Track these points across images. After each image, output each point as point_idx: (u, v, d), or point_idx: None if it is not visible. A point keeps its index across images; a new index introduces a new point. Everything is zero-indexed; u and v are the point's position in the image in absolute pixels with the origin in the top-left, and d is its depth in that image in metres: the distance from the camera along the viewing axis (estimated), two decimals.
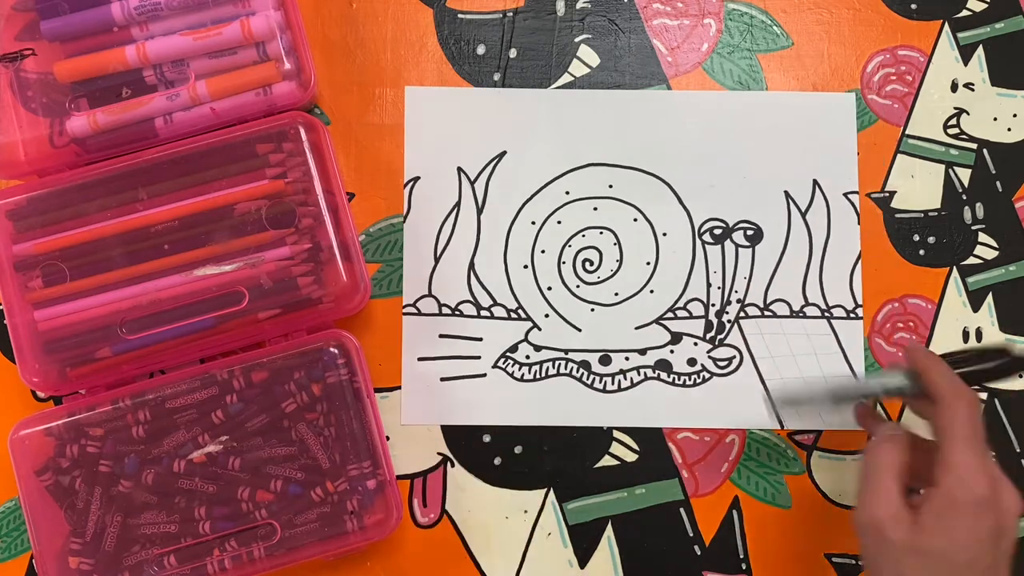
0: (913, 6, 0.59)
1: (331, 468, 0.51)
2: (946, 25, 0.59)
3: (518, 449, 0.56)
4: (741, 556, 0.55)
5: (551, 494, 0.56)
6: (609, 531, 0.55)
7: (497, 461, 0.56)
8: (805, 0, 0.59)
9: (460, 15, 0.58)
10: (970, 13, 0.59)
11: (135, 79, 0.53)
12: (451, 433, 0.56)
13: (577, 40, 0.58)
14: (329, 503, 0.51)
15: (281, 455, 0.51)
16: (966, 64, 0.59)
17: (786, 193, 0.57)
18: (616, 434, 0.56)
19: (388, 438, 0.55)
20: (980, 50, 0.59)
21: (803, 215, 0.57)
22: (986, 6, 0.59)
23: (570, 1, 0.58)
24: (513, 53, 0.58)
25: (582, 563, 0.55)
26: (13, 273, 0.51)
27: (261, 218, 0.52)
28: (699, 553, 0.55)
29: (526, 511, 0.55)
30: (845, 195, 0.57)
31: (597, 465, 0.56)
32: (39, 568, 0.50)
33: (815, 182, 0.57)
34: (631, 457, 0.56)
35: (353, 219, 0.54)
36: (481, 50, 0.58)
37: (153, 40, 0.52)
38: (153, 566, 0.50)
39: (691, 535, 0.55)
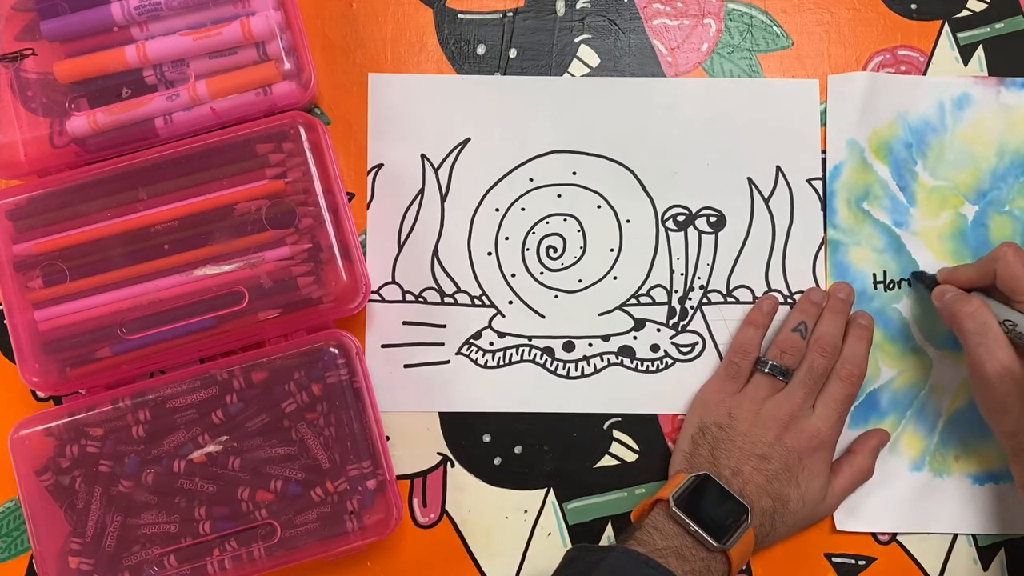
0: (913, 6, 0.59)
1: (331, 468, 0.51)
2: (946, 25, 0.59)
3: (518, 449, 0.56)
4: None
5: (551, 494, 0.56)
6: (609, 531, 0.55)
7: (497, 461, 0.56)
8: (805, 0, 0.59)
9: (460, 15, 0.58)
10: (970, 13, 0.59)
11: (135, 79, 0.53)
12: (451, 433, 0.56)
13: (577, 40, 0.58)
14: (329, 503, 0.51)
15: (281, 455, 0.51)
16: (966, 64, 0.59)
17: (749, 180, 0.57)
18: (616, 434, 0.56)
19: (388, 438, 0.55)
20: (980, 50, 0.59)
21: (766, 201, 0.57)
22: (986, 6, 0.59)
23: (570, 1, 0.58)
24: (513, 53, 0.58)
25: None
26: (13, 273, 0.51)
27: (261, 218, 0.52)
28: None
29: (526, 511, 0.55)
30: (808, 181, 0.57)
31: (597, 465, 0.56)
32: (39, 568, 0.50)
33: (778, 168, 0.57)
34: (631, 457, 0.56)
35: (353, 219, 0.54)
36: (481, 50, 0.58)
37: (153, 40, 0.52)
38: (153, 566, 0.50)
39: None
